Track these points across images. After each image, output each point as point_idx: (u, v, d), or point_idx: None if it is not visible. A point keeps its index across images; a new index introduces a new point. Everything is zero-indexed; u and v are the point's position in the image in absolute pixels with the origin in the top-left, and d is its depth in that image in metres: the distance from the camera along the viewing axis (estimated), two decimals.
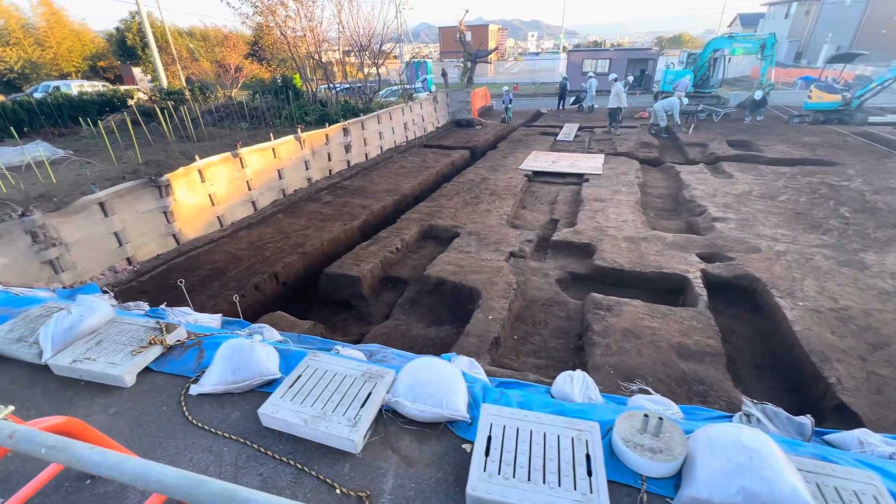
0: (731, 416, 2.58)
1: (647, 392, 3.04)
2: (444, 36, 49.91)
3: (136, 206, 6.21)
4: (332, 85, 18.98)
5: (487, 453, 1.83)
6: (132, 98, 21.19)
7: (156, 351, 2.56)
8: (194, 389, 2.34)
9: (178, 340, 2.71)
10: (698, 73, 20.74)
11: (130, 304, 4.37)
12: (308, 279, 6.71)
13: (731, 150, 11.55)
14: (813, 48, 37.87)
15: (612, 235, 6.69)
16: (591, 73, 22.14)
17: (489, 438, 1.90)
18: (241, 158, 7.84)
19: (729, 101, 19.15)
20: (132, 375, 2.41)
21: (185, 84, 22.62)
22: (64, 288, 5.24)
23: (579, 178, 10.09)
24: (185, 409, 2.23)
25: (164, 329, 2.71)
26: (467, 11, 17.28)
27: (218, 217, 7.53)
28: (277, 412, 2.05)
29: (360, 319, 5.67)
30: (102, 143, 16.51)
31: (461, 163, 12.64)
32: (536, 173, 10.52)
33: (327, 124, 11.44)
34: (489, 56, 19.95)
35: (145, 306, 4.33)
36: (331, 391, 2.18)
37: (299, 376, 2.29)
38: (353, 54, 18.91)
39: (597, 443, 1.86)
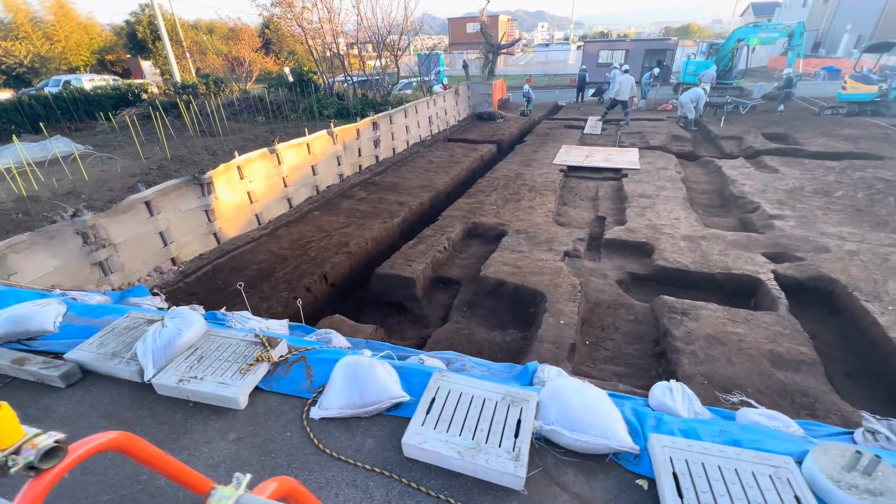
0: (852, 433, 2.37)
1: (749, 405, 2.84)
2: (453, 27, 49.19)
3: (180, 204, 6.03)
4: (348, 77, 18.69)
5: (681, 495, 1.63)
6: (146, 92, 20.99)
7: (263, 368, 2.38)
8: (316, 413, 2.16)
9: (282, 356, 2.53)
10: (721, 63, 20.28)
11: (185, 307, 4.19)
12: (354, 279, 6.53)
13: (770, 144, 11.22)
14: (832, 38, 37.02)
15: (668, 234, 6.44)
16: (614, 66, 21.64)
17: (674, 475, 1.70)
18: (277, 154, 7.64)
19: (753, 93, 18.69)
20: (245, 396, 2.23)
21: (197, 78, 22.35)
22: (113, 290, 5.09)
23: (616, 174, 9.82)
24: (311, 435, 2.04)
25: (266, 344, 2.52)
26: (489, 1, 16.88)
27: (256, 215, 7.34)
28: (424, 442, 1.86)
29: (415, 322, 5.49)
30: (120, 138, 16.39)
31: (489, 157, 12.38)
32: (571, 168, 10.24)
33: (358, 118, 11.19)
34: (512, 48, 19.42)
35: (201, 310, 4.15)
36: (474, 417, 1.99)
37: (433, 399, 2.09)
38: (370, 46, 18.60)
39: (801, 483, 1.65)
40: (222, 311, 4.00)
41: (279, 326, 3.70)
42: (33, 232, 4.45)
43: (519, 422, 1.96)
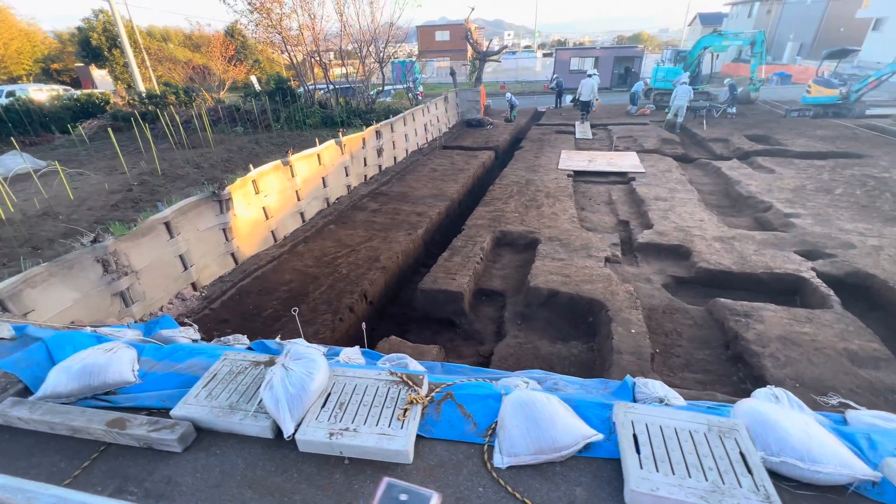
0: None
1: (848, 406, 2.82)
2: (422, 35, 49.31)
3: (198, 223, 5.52)
4: (330, 85, 18.18)
5: None
6: (108, 104, 19.57)
7: (418, 412, 2.09)
8: (500, 461, 1.90)
9: (427, 396, 2.24)
10: (688, 69, 21.27)
11: (228, 338, 3.82)
12: (388, 296, 6.21)
13: (757, 145, 11.78)
14: (777, 46, 39.84)
15: (698, 236, 6.54)
16: (593, 72, 22.24)
17: None
18: (291, 166, 7.20)
19: (720, 97, 19.66)
20: (413, 447, 1.94)
21: (165, 87, 21.09)
22: (137, 322, 4.55)
23: (622, 177, 9.98)
24: (510, 488, 1.79)
25: (409, 382, 2.23)
26: (473, 9, 16.91)
27: (272, 232, 6.87)
28: (657, 489, 1.66)
29: (467, 338, 5.24)
30: (85, 152, 15.15)
31: (490, 164, 12.31)
32: (577, 173, 10.32)
33: (348, 128, 10.75)
34: (498, 55, 19.49)
35: (244, 340, 3.79)
36: (691, 454, 1.80)
37: (634, 435, 1.89)
38: (352, 54, 18.19)
39: None
40: (276, 340, 3.65)
41: (355, 354, 3.38)
42: (50, 262, 3.89)
43: (742, 455, 1.79)
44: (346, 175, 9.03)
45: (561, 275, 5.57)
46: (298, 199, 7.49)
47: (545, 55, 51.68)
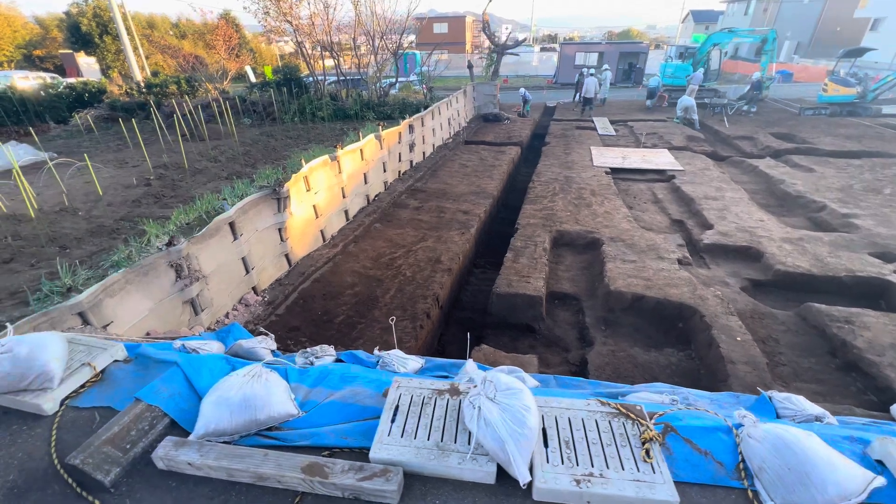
0: None
1: None
2: (420, 27, 48.53)
3: (257, 223, 5.15)
4: (342, 76, 17.64)
5: None
6: (105, 93, 18.68)
7: (656, 451, 1.83)
8: None
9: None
10: (697, 66, 21.26)
11: (315, 349, 3.49)
12: (452, 299, 5.93)
13: (785, 143, 11.74)
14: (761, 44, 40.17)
15: (765, 237, 6.39)
16: (606, 66, 22.09)
17: None
18: (338, 162, 6.83)
19: (727, 94, 19.68)
20: (677, 496, 1.68)
21: (164, 76, 20.24)
22: (208, 331, 4.20)
23: (660, 175, 9.82)
24: None
25: (632, 414, 1.96)
26: (490, 0, 16.52)
27: (321, 231, 6.52)
28: None
29: (549, 345, 5.00)
30: (86, 144, 14.42)
31: (517, 160, 12.04)
32: (613, 170, 10.12)
33: (367, 121, 10.31)
34: (515, 48, 19.16)
35: (331, 350, 3.48)
36: None
37: None
38: (363, 45, 17.65)
39: None
40: (377, 350, 3.37)
41: (473, 368, 3.10)
42: (127, 269, 3.52)
43: None
44: (384, 171, 8.67)
45: (640, 278, 5.36)
46: (344, 197, 7.13)
47: (542, 50, 51.43)
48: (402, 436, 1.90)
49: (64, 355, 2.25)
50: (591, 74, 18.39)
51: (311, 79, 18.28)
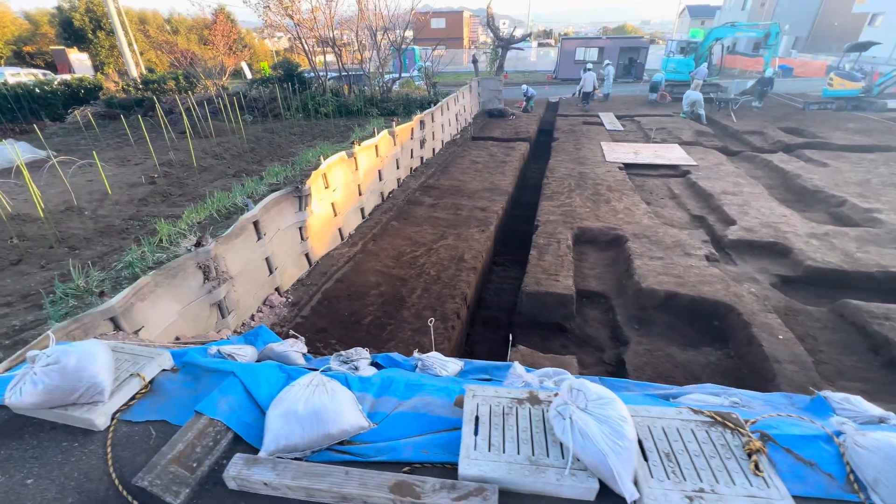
0: None
1: None
2: (416, 22, 48.14)
3: (280, 221, 5.00)
4: (344, 72, 17.39)
5: None
6: (102, 89, 18.30)
7: (764, 463, 1.72)
8: None
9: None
10: (699, 61, 21.19)
11: (350, 351, 3.36)
12: (476, 298, 5.81)
13: (796, 138, 11.69)
14: (764, 38, 40.25)
15: (790, 232, 6.32)
16: (608, 62, 21.97)
17: None
18: (355, 158, 6.67)
19: (729, 89, 19.63)
20: None
21: (163, 72, 19.87)
22: (235, 334, 4.06)
23: (674, 170, 9.73)
24: None
25: (728, 423, 1.85)
26: None
27: (339, 229, 6.37)
28: None
29: (582, 345, 4.89)
30: (84, 142, 14.11)
31: (527, 155, 11.91)
32: (627, 165, 10.02)
33: (371, 117, 10.10)
34: (521, 43, 18.97)
35: (366, 353, 3.35)
36: None
37: None
38: (364, 38, 17.37)
39: None
40: (415, 353, 3.26)
41: (521, 372, 2.99)
42: (155, 272, 3.35)
43: None
44: (398, 168, 8.52)
45: (671, 275, 5.26)
46: (360, 194, 6.98)
47: (540, 45, 51.21)
48: (489, 449, 1.78)
49: (112, 366, 2.11)
50: (590, 69, 18.56)
51: (312, 74, 18.02)
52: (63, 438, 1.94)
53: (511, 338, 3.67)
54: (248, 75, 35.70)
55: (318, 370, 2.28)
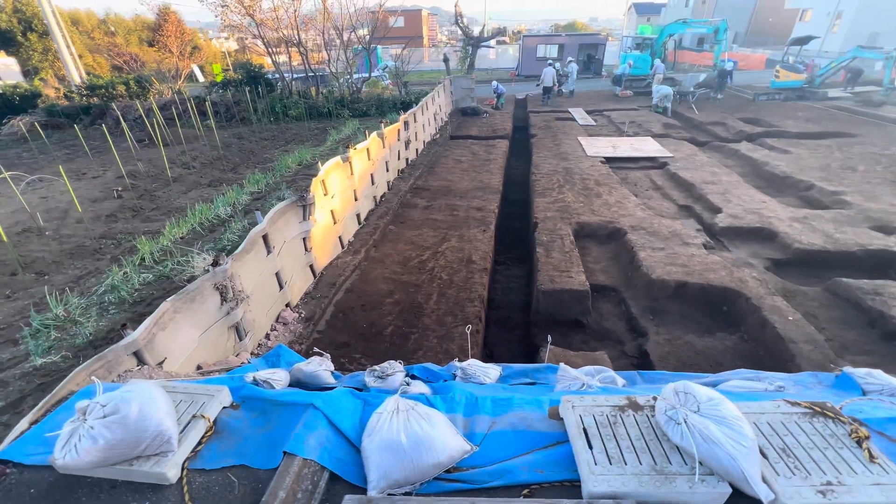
0: None
1: None
2: (371, 21, 47.44)
3: (285, 233, 4.73)
4: (310, 73, 16.83)
5: None
6: (40, 97, 16.76)
7: (873, 446, 1.76)
8: None
9: None
10: (655, 57, 22.16)
11: (384, 365, 3.27)
12: (487, 299, 5.75)
13: (755, 127, 12.43)
14: (711, 34, 42.72)
15: (773, 217, 6.69)
16: (571, 59, 22.50)
17: None
18: (350, 163, 6.44)
19: (683, 83, 20.63)
20: None
21: (111, 76, 18.45)
22: (253, 356, 3.80)
23: (652, 162, 10.09)
24: None
25: (823, 410, 1.88)
26: None
27: (339, 237, 6.13)
28: None
29: (601, 339, 4.95)
30: (24, 154, 12.89)
31: (507, 153, 11.98)
32: (607, 159, 10.29)
33: (342, 119, 9.80)
34: (491, 41, 19.02)
35: (399, 366, 3.28)
36: None
37: None
38: (335, 37, 16.88)
39: None
40: (455, 362, 3.22)
41: (575, 373, 2.99)
42: (174, 297, 3.06)
43: None
44: (387, 171, 8.32)
45: (677, 265, 5.43)
46: (356, 199, 6.75)
47: (498, 43, 51.77)
48: (610, 463, 1.72)
49: (173, 410, 1.89)
50: (550, 64, 19.08)
51: (276, 76, 17.33)
52: (129, 498, 1.72)
53: (549, 339, 3.63)
54: (201, 78, 33.91)
55: (397, 394, 2.14)
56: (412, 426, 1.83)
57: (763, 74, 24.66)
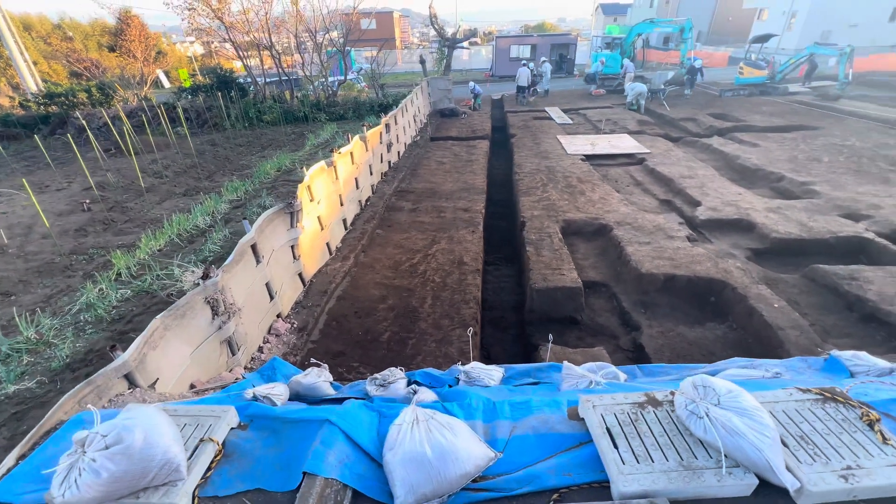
0: None
1: None
2: (343, 23, 46.92)
3: (273, 241, 4.59)
4: (284, 76, 16.48)
5: None
6: None
7: (884, 428, 1.82)
8: None
9: None
10: (624, 55, 22.74)
11: (385, 373, 3.25)
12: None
13: (725, 122, 12.89)
14: (676, 33, 44.21)
15: (750, 208, 6.93)
16: (544, 59, 22.81)
17: None
18: (335, 168, 6.31)
19: (653, 80, 21.23)
20: None
21: (71, 83, 17.57)
22: (247, 371, 3.67)
23: (630, 158, 10.32)
24: None
25: (833, 396, 1.93)
26: None
27: (327, 244, 6.00)
28: None
29: (596, 334, 5.01)
30: None
31: (489, 153, 12.03)
32: (588, 157, 10.46)
33: (318, 123, 9.67)
34: (465, 42, 19.07)
35: (399, 373, 3.27)
36: None
37: None
38: (306, 40, 16.57)
39: None
40: (457, 366, 3.20)
41: (580, 371, 3.01)
42: (163, 314, 2.91)
43: None
44: (371, 174, 8.21)
45: (664, 258, 5.55)
46: (342, 204, 6.62)
47: (471, 44, 52.05)
48: (638, 461, 1.71)
49: (178, 435, 1.77)
50: (524, 64, 19.34)
51: (248, 80, 16.88)
52: None
53: (551, 338, 3.64)
54: (167, 84, 32.75)
55: (413, 403, 2.09)
56: (435, 436, 1.78)
57: (726, 71, 25.61)
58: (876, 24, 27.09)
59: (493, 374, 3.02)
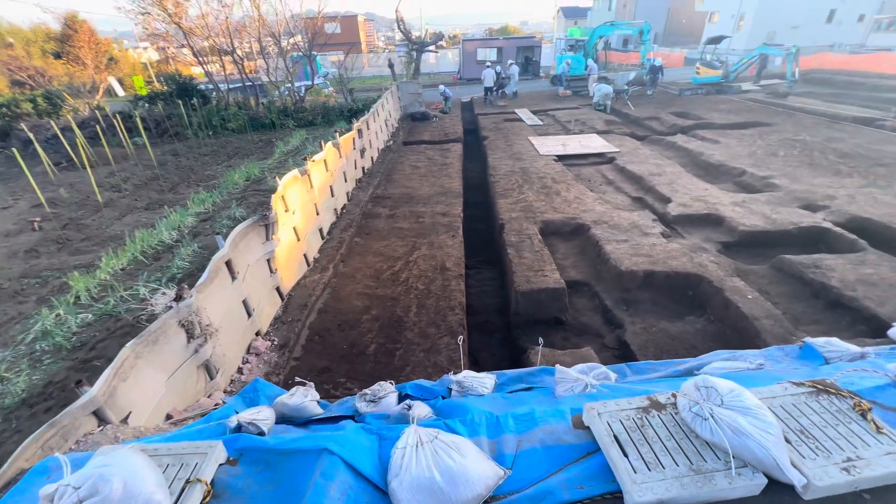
0: None
1: None
2: (309, 27, 46.06)
3: (248, 256, 4.38)
4: (249, 82, 15.97)
5: None
6: None
7: (876, 418, 1.87)
8: None
9: None
10: (587, 57, 23.39)
11: (374, 387, 3.19)
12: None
13: (686, 121, 13.41)
14: (634, 35, 45.93)
15: (717, 203, 7.20)
16: (511, 62, 23.12)
17: None
18: (309, 176, 6.12)
19: (616, 81, 21.92)
20: None
21: (12, 93, 16.38)
22: (227, 395, 3.48)
23: (600, 157, 10.56)
24: None
25: (826, 388, 1.98)
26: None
27: (304, 255, 5.80)
28: None
29: (581, 333, 5.05)
30: None
31: (463, 156, 12.03)
32: (560, 157, 10.63)
33: (286, 129, 9.40)
34: (433, 46, 19.05)
35: (389, 386, 3.22)
36: None
37: None
38: (268, 45, 16.09)
39: None
40: (449, 376, 3.15)
41: (573, 374, 3.03)
42: (134, 341, 2.70)
43: None
44: (345, 181, 8.03)
45: (642, 255, 5.67)
46: (318, 213, 6.43)
47: (438, 48, 52.23)
48: (649, 469, 1.69)
49: (161, 478, 1.62)
50: (489, 66, 19.94)
51: (210, 87, 16.25)
52: None
53: (541, 341, 3.61)
54: (121, 92, 31.16)
55: (414, 424, 2.00)
56: (442, 459, 1.70)
57: (683, 71, 26.70)
58: (815, 26, 29.04)
59: (485, 381, 2.97)
